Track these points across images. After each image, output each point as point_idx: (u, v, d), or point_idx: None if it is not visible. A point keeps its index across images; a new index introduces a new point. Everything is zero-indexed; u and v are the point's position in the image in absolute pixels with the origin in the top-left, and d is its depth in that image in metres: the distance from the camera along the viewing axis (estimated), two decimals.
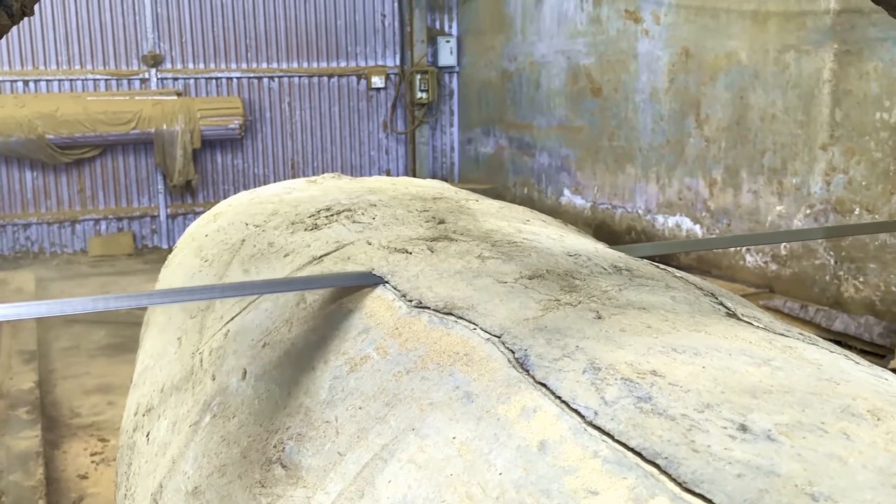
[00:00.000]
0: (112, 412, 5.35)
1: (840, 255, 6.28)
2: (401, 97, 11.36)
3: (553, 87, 9.67)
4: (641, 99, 8.28)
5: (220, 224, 2.95)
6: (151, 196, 10.37)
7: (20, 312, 1.73)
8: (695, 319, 1.37)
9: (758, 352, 1.22)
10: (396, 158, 11.53)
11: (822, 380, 1.13)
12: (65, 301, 1.67)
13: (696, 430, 0.99)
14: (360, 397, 1.43)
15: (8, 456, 4.54)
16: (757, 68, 6.90)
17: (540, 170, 10.08)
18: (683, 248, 6.82)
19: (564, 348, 1.27)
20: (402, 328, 1.54)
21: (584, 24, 9.04)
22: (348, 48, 11.01)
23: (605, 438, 1.03)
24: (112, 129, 9.64)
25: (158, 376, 2.15)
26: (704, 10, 7.41)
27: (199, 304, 2.29)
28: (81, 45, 9.89)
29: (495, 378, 1.28)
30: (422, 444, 1.23)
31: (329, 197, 2.68)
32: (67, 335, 7.06)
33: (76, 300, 1.63)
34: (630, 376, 1.13)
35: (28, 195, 9.90)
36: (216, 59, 10.42)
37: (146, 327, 2.86)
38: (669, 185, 8.01)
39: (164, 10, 10.13)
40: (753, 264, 7.08)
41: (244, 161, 10.70)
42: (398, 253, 1.89)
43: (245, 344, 1.84)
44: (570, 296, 1.49)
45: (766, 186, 6.91)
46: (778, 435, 0.97)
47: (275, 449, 1.46)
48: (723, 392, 1.07)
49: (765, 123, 6.89)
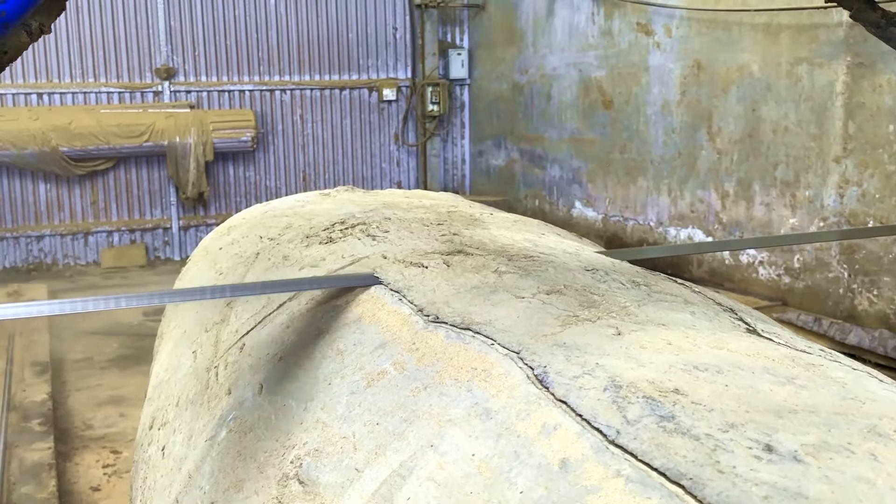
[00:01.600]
0: (124, 424, 5.35)
1: (854, 269, 6.25)
2: (412, 110, 11.39)
3: (564, 99, 9.67)
4: (653, 111, 8.28)
5: (234, 237, 2.95)
6: (164, 208, 10.41)
7: (42, 310, 1.74)
8: (716, 336, 1.36)
9: (781, 370, 1.21)
10: (408, 171, 11.55)
11: (847, 399, 1.12)
12: (83, 300, 1.68)
13: (720, 451, 0.97)
14: (377, 413, 1.42)
15: (20, 468, 4.55)
16: (769, 81, 6.88)
17: (551, 182, 10.07)
18: (668, 252, 6.85)
19: (584, 365, 1.26)
20: (419, 343, 1.53)
21: (595, 36, 9.05)
22: (360, 61, 11.05)
23: (628, 458, 1.01)
24: (125, 141, 9.70)
25: (173, 390, 2.14)
26: (716, 22, 7.40)
27: (214, 317, 2.29)
28: (95, 59, 9.96)
29: (514, 395, 1.27)
30: (441, 461, 1.22)
31: (343, 210, 2.68)
32: (80, 347, 7.08)
33: (93, 299, 1.65)
34: (652, 395, 1.12)
35: (42, 207, 9.96)
36: (229, 72, 10.47)
37: (160, 340, 2.86)
38: (681, 198, 7.99)
39: (178, 24, 10.20)
40: (766, 277, 7.05)
41: (256, 173, 10.74)
42: (414, 267, 1.88)
43: (261, 358, 1.84)
44: (588, 311, 1.48)
45: (779, 199, 6.89)
46: (804, 456, 0.96)
47: (292, 465, 1.46)
48: (747, 411, 1.06)
49: (777, 136, 6.86)
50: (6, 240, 9.87)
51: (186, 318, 2.56)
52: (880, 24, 2.21)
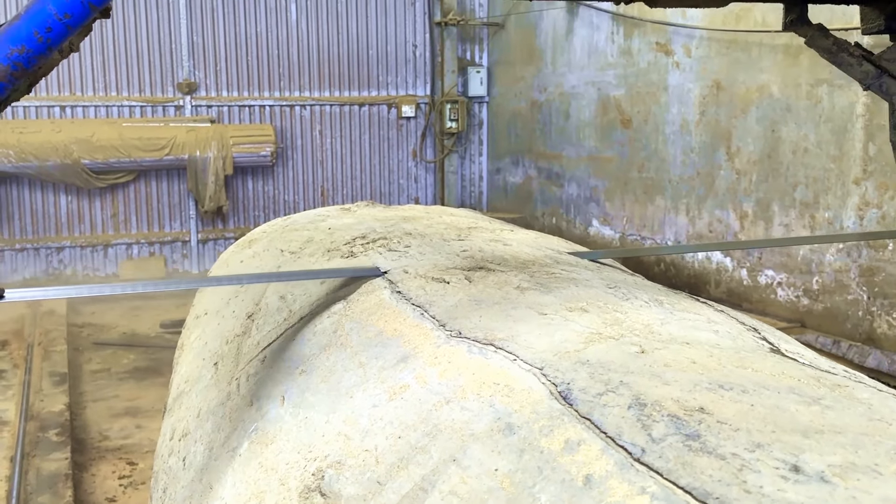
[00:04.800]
0: (140, 435, 5.37)
1: (873, 291, 6.20)
2: (430, 126, 11.44)
3: (583, 117, 9.68)
4: (672, 131, 8.27)
5: (255, 250, 2.97)
6: (183, 221, 10.48)
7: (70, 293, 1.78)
8: (739, 355, 1.36)
9: (806, 390, 1.21)
10: (425, 187, 11.58)
11: (873, 420, 1.11)
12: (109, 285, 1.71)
13: (747, 471, 0.97)
14: (399, 426, 1.42)
15: (38, 477, 4.57)
16: (789, 102, 6.87)
17: (568, 200, 10.07)
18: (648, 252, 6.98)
19: (608, 383, 1.26)
20: (441, 357, 1.54)
21: (614, 55, 9.07)
22: (379, 77, 11.12)
23: (653, 475, 1.01)
24: (146, 154, 9.78)
25: (195, 401, 2.16)
26: (736, 43, 7.40)
27: (236, 329, 2.30)
28: (118, 73, 10.07)
29: (537, 410, 1.27)
30: (464, 476, 1.23)
31: (364, 225, 2.69)
32: (98, 358, 7.12)
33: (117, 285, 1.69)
34: (677, 413, 1.12)
35: (62, 219, 10.05)
36: (249, 87, 10.56)
37: (180, 351, 2.88)
38: (699, 217, 7.97)
39: (200, 39, 10.30)
40: (785, 298, 7.01)
41: (275, 188, 10.81)
42: (436, 282, 1.89)
43: (282, 370, 1.85)
44: (611, 329, 1.48)
45: (798, 220, 6.85)
46: (831, 476, 0.95)
47: (313, 477, 1.46)
48: (773, 431, 1.05)
49: (797, 157, 6.84)
50: (27, 250, 9.96)
51: (207, 330, 2.58)
52: (832, 50, 2.40)
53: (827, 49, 2.36)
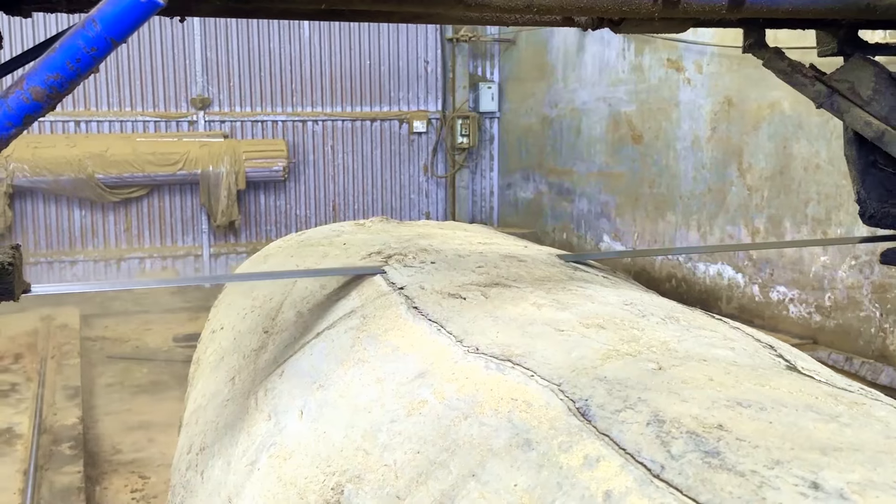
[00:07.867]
0: (153, 449, 5.39)
1: (886, 308, 6.18)
2: (442, 142, 11.49)
3: (594, 133, 9.71)
4: (683, 147, 8.29)
5: (271, 265, 3.00)
6: (195, 236, 10.54)
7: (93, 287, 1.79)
8: (757, 373, 1.37)
9: (824, 407, 1.21)
10: (436, 202, 11.62)
11: (891, 437, 1.12)
12: (134, 281, 1.72)
13: (766, 488, 0.98)
14: (418, 441, 1.43)
15: (51, 491, 4.59)
16: (801, 118, 6.87)
17: (579, 215, 10.08)
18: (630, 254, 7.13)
19: (626, 399, 1.27)
20: (458, 373, 1.55)
21: (625, 72, 9.10)
22: (391, 93, 11.19)
23: (673, 492, 1.02)
24: (160, 169, 9.86)
25: (212, 415, 2.17)
26: (747, 59, 7.39)
27: (253, 344, 2.32)
28: (132, 88, 10.17)
29: (556, 426, 1.28)
30: (483, 491, 1.24)
31: (379, 240, 2.71)
32: (111, 372, 7.15)
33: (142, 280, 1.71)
34: (696, 430, 1.13)
35: (76, 233, 10.13)
36: (262, 103, 10.65)
37: (196, 366, 2.90)
38: (711, 234, 7.97)
39: (214, 55, 10.40)
40: (797, 315, 6.99)
41: (287, 202, 10.86)
42: (452, 298, 1.91)
43: (300, 385, 1.86)
44: (629, 346, 1.49)
45: (810, 236, 6.84)
46: (851, 494, 0.96)
47: (332, 491, 1.47)
48: (792, 448, 1.06)
49: (808, 173, 6.84)
50: (41, 264, 10.03)
51: (224, 345, 2.60)
52: (787, 71, 2.51)
53: (783, 70, 2.48)
